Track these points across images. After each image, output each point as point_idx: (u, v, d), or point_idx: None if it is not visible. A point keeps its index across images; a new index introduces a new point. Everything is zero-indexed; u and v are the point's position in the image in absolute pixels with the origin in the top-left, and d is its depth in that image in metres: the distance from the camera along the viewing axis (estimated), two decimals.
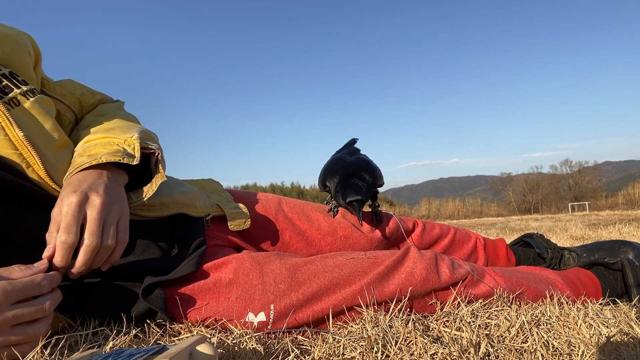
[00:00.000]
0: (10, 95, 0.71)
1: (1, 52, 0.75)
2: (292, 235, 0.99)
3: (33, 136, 0.69)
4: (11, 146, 0.67)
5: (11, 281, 0.54)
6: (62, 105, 0.88)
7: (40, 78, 0.86)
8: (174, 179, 0.96)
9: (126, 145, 0.76)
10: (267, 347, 0.64)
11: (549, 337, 0.68)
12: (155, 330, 0.69)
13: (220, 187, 0.98)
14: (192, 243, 0.77)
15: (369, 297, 0.75)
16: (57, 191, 0.70)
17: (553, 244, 1.22)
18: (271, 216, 0.98)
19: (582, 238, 3.07)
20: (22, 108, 0.71)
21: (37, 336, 0.56)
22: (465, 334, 0.66)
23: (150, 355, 0.46)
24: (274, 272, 0.74)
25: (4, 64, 0.75)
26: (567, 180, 40.52)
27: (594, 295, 0.95)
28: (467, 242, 1.18)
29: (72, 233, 0.60)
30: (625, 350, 0.62)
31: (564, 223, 5.75)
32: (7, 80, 0.72)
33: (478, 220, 11.71)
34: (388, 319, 0.71)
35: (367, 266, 0.78)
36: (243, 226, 0.88)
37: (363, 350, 0.62)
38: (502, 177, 47.79)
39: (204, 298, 0.72)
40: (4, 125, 0.67)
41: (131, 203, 0.75)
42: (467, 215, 27.75)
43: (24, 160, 0.68)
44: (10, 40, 0.78)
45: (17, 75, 0.76)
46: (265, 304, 0.71)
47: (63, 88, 0.91)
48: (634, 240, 1.59)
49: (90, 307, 0.70)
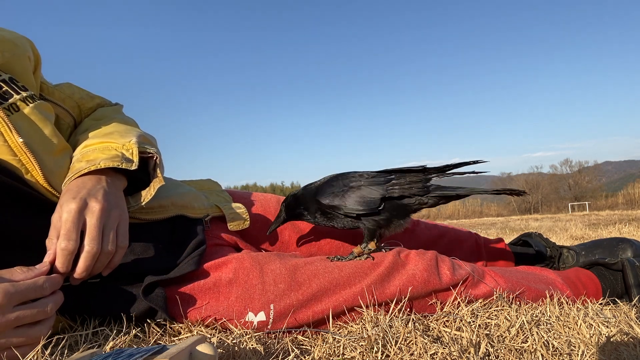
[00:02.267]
0: (10, 101, 0.71)
1: (2, 58, 0.76)
2: (291, 234, 0.99)
3: (32, 142, 0.70)
4: (10, 152, 0.67)
5: (14, 283, 0.54)
6: (60, 110, 0.89)
7: (39, 82, 0.86)
8: (172, 180, 0.96)
9: (124, 150, 0.76)
10: (267, 347, 0.64)
11: (549, 337, 0.68)
12: (155, 330, 0.69)
13: (219, 187, 0.98)
14: (192, 243, 0.77)
15: (369, 298, 0.75)
16: (55, 196, 0.70)
17: (552, 243, 1.22)
18: (270, 215, 0.98)
19: (582, 238, 3.07)
20: (21, 114, 0.71)
21: (38, 338, 0.56)
22: (465, 334, 0.66)
23: (150, 355, 0.46)
24: (274, 272, 0.74)
25: (4, 70, 0.75)
26: (567, 180, 40.53)
27: (594, 295, 0.95)
28: (466, 241, 1.18)
29: (72, 240, 0.60)
30: (625, 350, 0.62)
31: (564, 223, 5.75)
32: (6, 86, 0.73)
33: (478, 220, 11.71)
34: (388, 319, 0.71)
35: (367, 267, 0.78)
36: (242, 226, 0.88)
37: (363, 350, 0.62)
38: (502, 177, 47.81)
39: (204, 297, 0.72)
40: (3, 131, 0.67)
41: (130, 207, 0.74)
42: (467, 215, 27.77)
43: (22, 166, 0.68)
44: (11, 45, 0.78)
45: (17, 81, 0.76)
46: (265, 303, 0.71)
47: (62, 92, 0.91)
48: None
49: (91, 307, 0.70)
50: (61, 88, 0.92)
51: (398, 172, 0.87)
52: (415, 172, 0.86)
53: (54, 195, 0.70)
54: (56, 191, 0.70)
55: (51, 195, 0.70)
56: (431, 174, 0.86)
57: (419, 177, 0.85)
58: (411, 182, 0.84)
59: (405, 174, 0.86)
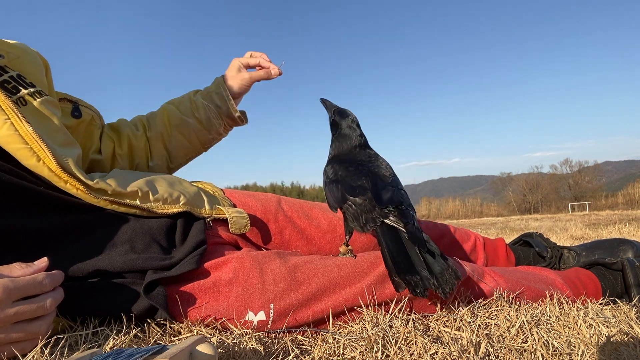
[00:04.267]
0: (18, 95, 0.75)
1: (11, 57, 0.81)
2: (291, 233, 0.99)
3: (41, 132, 0.72)
4: (21, 140, 0.69)
5: (13, 279, 0.54)
6: (91, 112, 1.03)
7: (52, 86, 0.93)
8: (182, 179, 0.97)
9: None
10: (267, 346, 0.64)
11: (549, 337, 0.68)
12: (155, 330, 0.69)
13: (221, 193, 0.99)
14: (193, 242, 0.77)
15: (369, 298, 0.75)
16: (68, 182, 0.72)
17: (552, 243, 1.22)
18: (271, 215, 0.98)
19: (582, 238, 3.08)
20: (30, 107, 0.76)
21: (38, 334, 0.56)
22: (465, 334, 0.66)
23: (150, 355, 0.46)
24: (274, 271, 0.74)
25: (12, 67, 0.80)
26: (567, 180, 40.56)
27: (594, 295, 0.95)
28: (466, 241, 1.18)
29: None
30: (625, 350, 0.62)
31: (564, 223, 5.75)
32: (14, 82, 0.77)
33: (478, 220, 11.71)
34: (388, 319, 0.71)
35: (367, 266, 0.78)
36: (243, 230, 0.89)
37: (363, 350, 0.62)
38: (502, 177, 47.82)
39: (204, 297, 0.72)
40: (13, 121, 0.70)
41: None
42: (467, 215, 27.76)
43: (34, 154, 0.70)
44: (20, 50, 0.85)
45: (25, 78, 0.80)
46: (265, 303, 0.71)
47: (83, 102, 1.03)
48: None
49: (91, 305, 0.70)
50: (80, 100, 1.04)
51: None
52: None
53: (67, 182, 0.72)
54: (70, 177, 0.72)
55: (63, 183, 0.72)
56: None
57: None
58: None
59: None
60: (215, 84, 1.14)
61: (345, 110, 0.96)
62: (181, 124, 1.12)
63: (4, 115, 0.70)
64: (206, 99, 1.12)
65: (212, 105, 1.12)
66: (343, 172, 0.85)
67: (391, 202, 0.75)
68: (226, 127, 1.19)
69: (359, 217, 0.77)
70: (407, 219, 0.73)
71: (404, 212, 0.75)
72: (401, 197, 0.78)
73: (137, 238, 0.75)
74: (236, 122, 1.19)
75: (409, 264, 0.68)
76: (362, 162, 0.87)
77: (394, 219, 0.73)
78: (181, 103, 1.14)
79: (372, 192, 0.77)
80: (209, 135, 1.16)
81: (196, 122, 1.12)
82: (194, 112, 1.12)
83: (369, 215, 0.75)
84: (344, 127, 0.93)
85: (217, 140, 1.22)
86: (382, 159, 0.90)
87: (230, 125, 1.20)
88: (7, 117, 0.70)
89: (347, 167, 0.85)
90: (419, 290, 0.66)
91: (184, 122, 1.12)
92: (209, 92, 1.13)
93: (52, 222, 0.71)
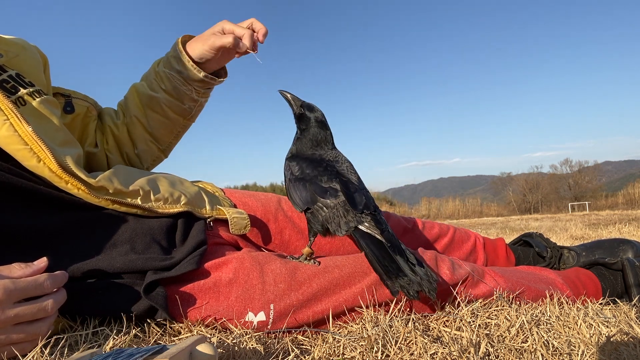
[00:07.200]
0: (17, 95, 0.75)
1: (9, 56, 0.80)
2: (292, 233, 0.99)
3: (40, 132, 0.72)
4: (21, 141, 0.69)
5: (14, 280, 0.54)
6: (86, 103, 1.00)
7: (50, 82, 0.92)
8: (183, 179, 0.97)
9: None
10: (267, 346, 0.64)
11: (549, 336, 0.68)
12: (155, 330, 0.69)
13: (222, 193, 0.99)
14: (193, 242, 0.77)
15: (369, 298, 0.75)
16: (69, 183, 0.72)
17: (552, 243, 1.22)
18: (271, 215, 0.98)
19: (582, 238, 3.08)
20: (29, 106, 0.75)
21: (38, 335, 0.56)
22: (465, 334, 0.66)
23: (150, 355, 0.46)
24: (274, 271, 0.74)
25: (10, 66, 0.79)
26: (567, 180, 40.55)
27: (594, 295, 0.95)
28: (466, 241, 1.18)
29: None
30: (625, 350, 0.62)
31: (564, 223, 5.75)
32: (13, 82, 0.76)
33: (478, 220, 11.71)
34: (388, 319, 0.71)
35: (367, 266, 0.78)
36: (244, 231, 0.89)
37: (363, 350, 0.62)
38: (502, 177, 47.82)
39: (204, 297, 0.72)
40: (12, 122, 0.69)
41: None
42: (467, 215, 27.77)
43: (34, 155, 0.70)
44: (19, 47, 0.83)
45: (24, 77, 0.79)
46: (265, 303, 0.71)
47: (77, 93, 1.01)
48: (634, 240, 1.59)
49: (91, 305, 0.70)
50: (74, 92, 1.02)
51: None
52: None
53: (68, 182, 0.72)
54: (71, 177, 0.72)
55: (64, 183, 0.72)
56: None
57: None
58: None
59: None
60: (173, 46, 1.03)
61: (312, 104, 0.91)
62: (151, 101, 1.04)
63: (3, 115, 0.69)
64: (167, 66, 1.02)
65: (173, 72, 1.01)
66: (311, 170, 0.82)
67: (366, 208, 0.75)
68: (199, 91, 1.05)
69: (330, 221, 0.76)
70: (382, 225, 0.73)
71: (377, 218, 0.75)
72: (372, 201, 0.79)
73: (137, 238, 0.75)
74: (207, 84, 1.05)
75: (397, 267, 0.69)
76: (329, 162, 0.84)
77: (368, 225, 0.73)
78: (147, 77, 1.06)
79: (346, 196, 0.76)
80: (183, 105, 1.06)
81: (165, 95, 1.03)
82: (160, 85, 1.03)
83: (342, 219, 0.75)
84: (313, 121, 0.89)
85: (198, 108, 1.11)
86: (345, 158, 0.88)
87: (202, 88, 1.06)
88: (7, 117, 0.69)
89: (315, 166, 0.83)
90: (412, 293, 0.67)
91: (153, 99, 1.04)
92: (168, 57, 1.03)
93: (52, 221, 0.71)
